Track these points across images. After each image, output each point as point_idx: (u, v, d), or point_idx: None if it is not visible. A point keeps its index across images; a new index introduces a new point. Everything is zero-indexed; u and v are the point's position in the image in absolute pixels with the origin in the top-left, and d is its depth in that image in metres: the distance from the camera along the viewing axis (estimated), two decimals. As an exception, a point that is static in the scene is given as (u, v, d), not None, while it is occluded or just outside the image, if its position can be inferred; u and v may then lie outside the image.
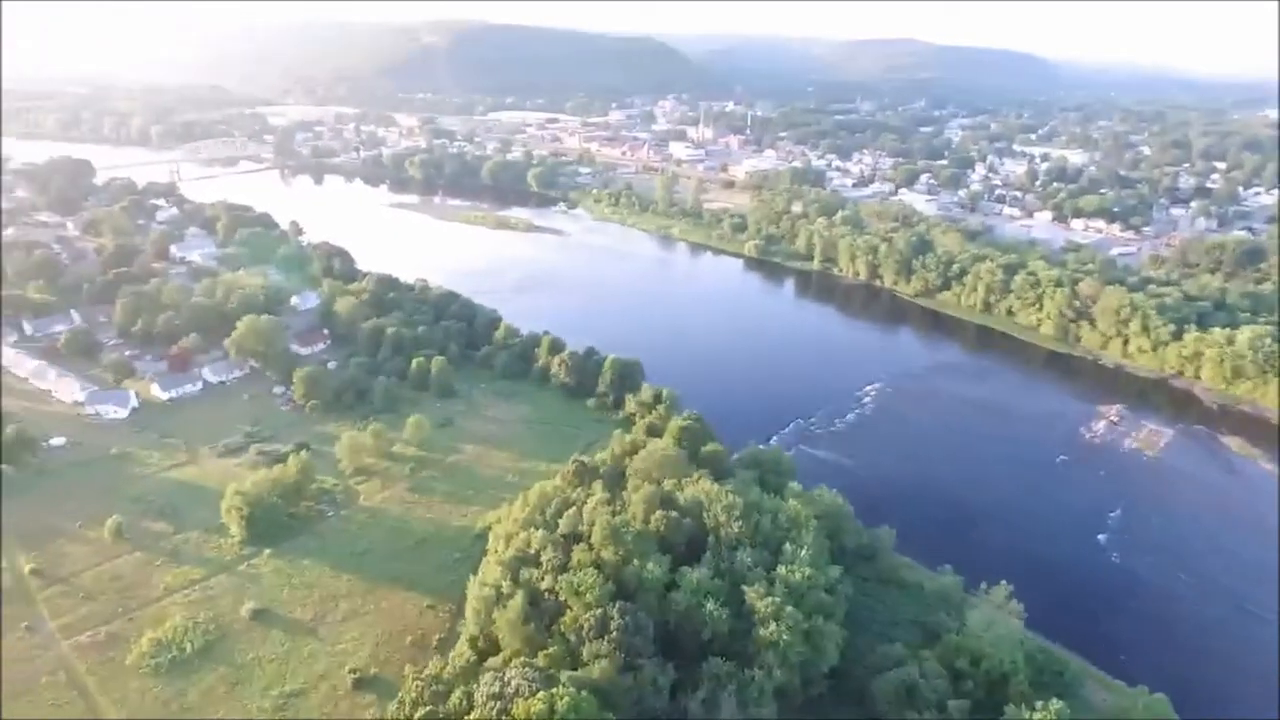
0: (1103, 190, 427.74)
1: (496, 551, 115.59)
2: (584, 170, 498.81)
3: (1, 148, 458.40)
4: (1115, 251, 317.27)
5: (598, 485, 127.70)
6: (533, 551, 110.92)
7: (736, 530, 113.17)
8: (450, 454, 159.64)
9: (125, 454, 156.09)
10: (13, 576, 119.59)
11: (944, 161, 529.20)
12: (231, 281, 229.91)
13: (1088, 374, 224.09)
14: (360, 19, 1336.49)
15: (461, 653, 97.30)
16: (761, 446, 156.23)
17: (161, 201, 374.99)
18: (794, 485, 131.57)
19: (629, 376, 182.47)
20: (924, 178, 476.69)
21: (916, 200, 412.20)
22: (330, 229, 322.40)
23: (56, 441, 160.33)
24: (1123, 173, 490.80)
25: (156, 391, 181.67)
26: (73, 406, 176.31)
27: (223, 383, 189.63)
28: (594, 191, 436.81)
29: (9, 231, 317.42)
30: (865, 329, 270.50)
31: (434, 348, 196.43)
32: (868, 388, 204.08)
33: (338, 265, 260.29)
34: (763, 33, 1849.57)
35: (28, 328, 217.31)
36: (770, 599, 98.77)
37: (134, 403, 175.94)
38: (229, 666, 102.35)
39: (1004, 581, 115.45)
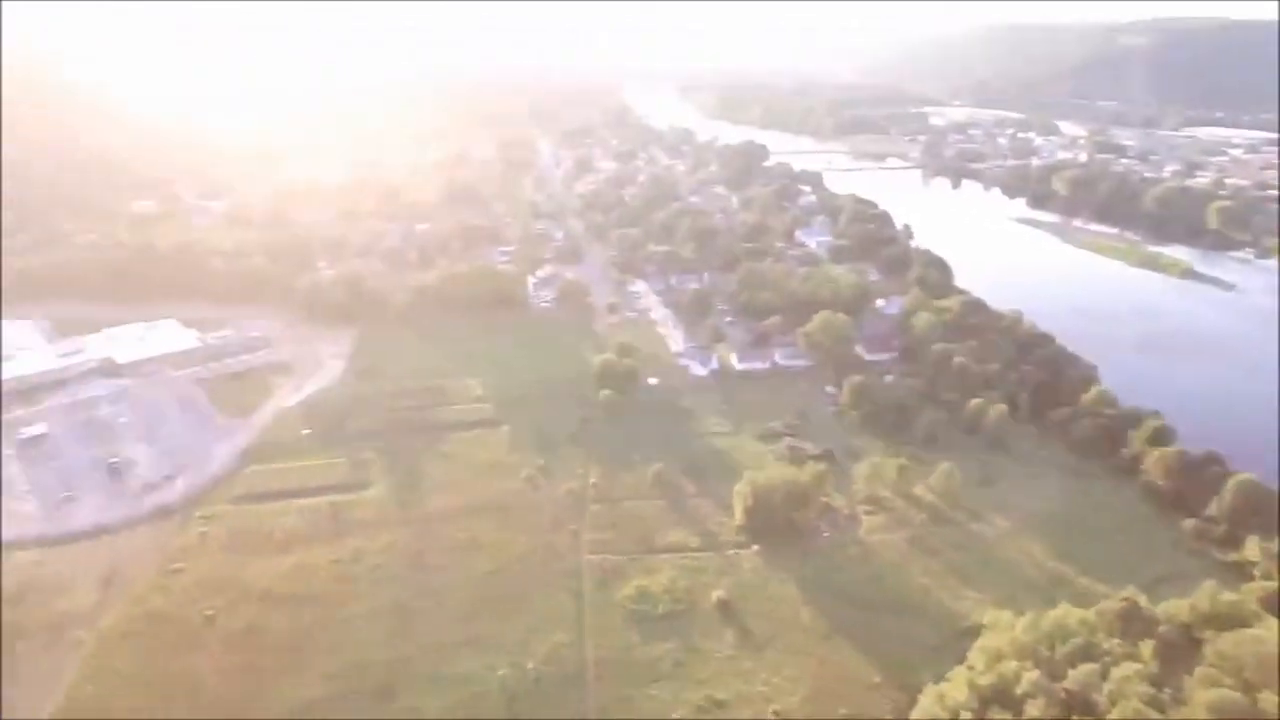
0: None
1: (973, 667, 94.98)
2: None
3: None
4: None
5: (1145, 648, 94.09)
6: (1017, 694, 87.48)
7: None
8: (974, 519, 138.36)
9: (690, 409, 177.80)
10: (582, 484, 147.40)
11: None
12: (827, 273, 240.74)
13: None
14: (1054, 20, 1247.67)
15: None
16: None
17: (807, 188, 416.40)
18: None
19: (1262, 512, 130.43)
20: None
21: None
22: (942, 236, 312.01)
23: (652, 381, 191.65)
24: None
25: (734, 361, 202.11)
26: (674, 355, 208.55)
27: (788, 368, 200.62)
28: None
29: (694, 198, 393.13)
30: None
31: (1000, 392, 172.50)
32: None
33: (933, 276, 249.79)
34: None
35: (673, 280, 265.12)
36: None
37: (714, 365, 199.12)
38: (679, 643, 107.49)
39: None
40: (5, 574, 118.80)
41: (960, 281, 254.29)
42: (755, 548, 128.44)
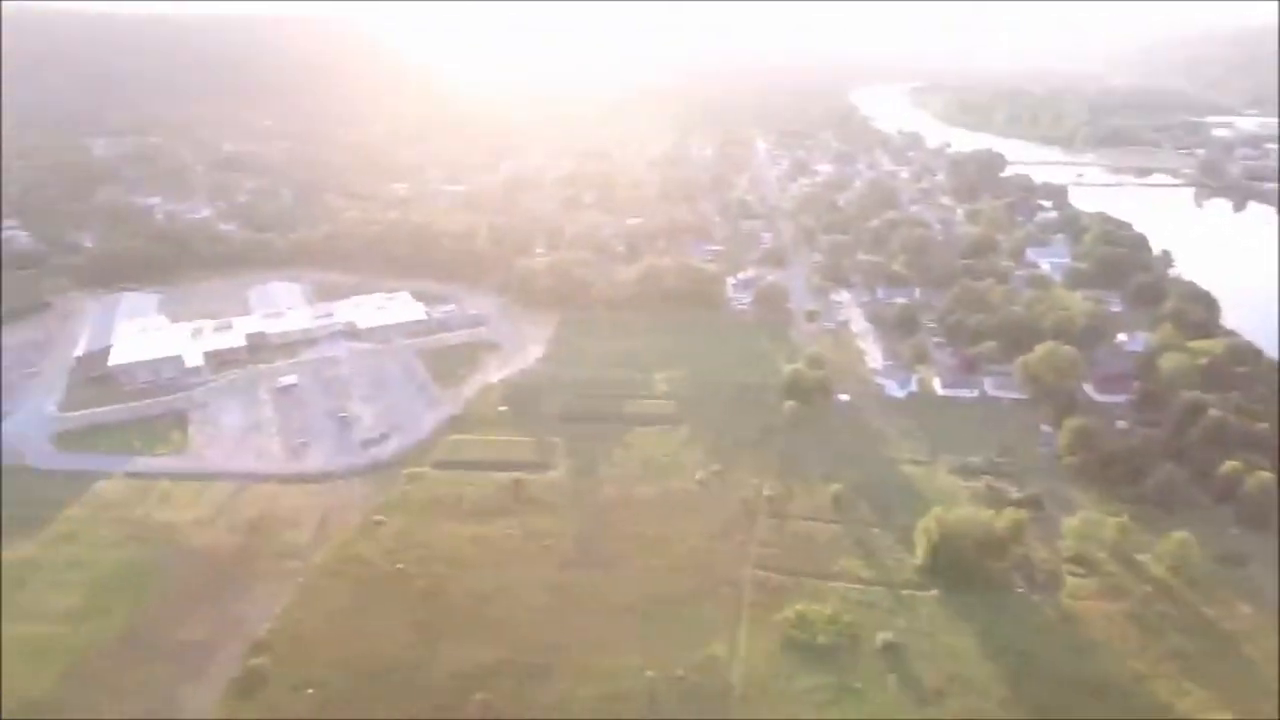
0: None
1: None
2: None
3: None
4: None
5: None
6: (1240, 825, 72.87)
7: None
8: (1210, 602, 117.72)
9: (881, 432, 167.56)
10: (756, 495, 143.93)
11: None
12: (1057, 299, 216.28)
13: None
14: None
15: None
16: None
17: (1047, 203, 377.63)
18: None
19: None
20: None
21: None
22: (1211, 266, 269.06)
23: (843, 397, 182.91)
24: None
25: (936, 385, 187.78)
26: (871, 372, 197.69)
27: (998, 400, 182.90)
28: None
29: (914, 208, 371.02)
30: None
31: (1266, 456, 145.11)
32: None
33: (1192, 312, 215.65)
34: None
35: (879, 293, 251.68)
36: None
37: (913, 387, 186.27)
38: (836, 679, 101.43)
39: None
40: (247, 503, 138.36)
41: (1229, 321, 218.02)
42: (935, 592, 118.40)
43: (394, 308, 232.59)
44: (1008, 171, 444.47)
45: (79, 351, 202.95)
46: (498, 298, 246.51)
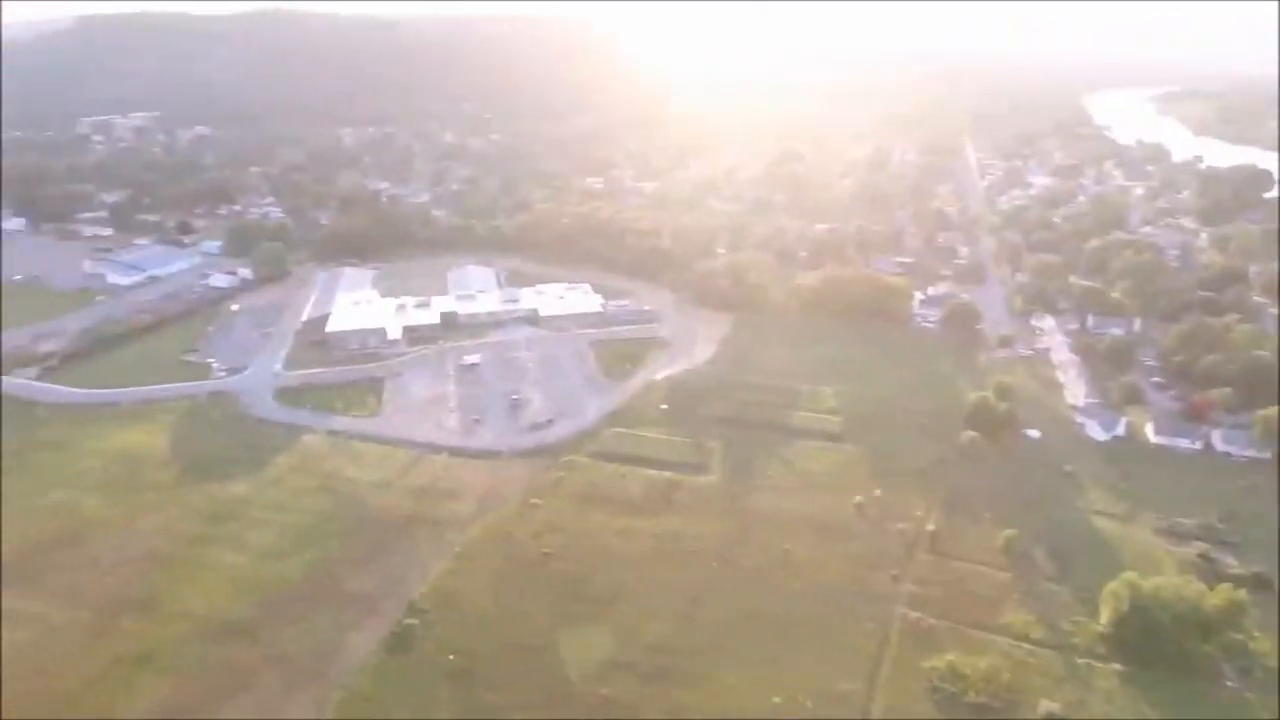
0: None
1: None
2: None
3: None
4: None
5: None
6: None
7: None
8: None
9: (1073, 477, 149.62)
10: (917, 528, 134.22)
11: None
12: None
13: None
14: None
15: None
16: None
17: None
18: None
19: None
20: None
21: None
22: None
23: (1032, 433, 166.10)
24: None
25: (1149, 431, 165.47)
26: (1069, 409, 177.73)
27: (1227, 456, 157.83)
28: None
29: (1146, 229, 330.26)
30: None
31: None
32: None
33: None
34: None
35: (1090, 321, 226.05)
36: None
37: (1119, 431, 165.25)
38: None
39: None
40: (422, 471, 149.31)
41: None
42: (1117, 666, 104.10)
43: (573, 298, 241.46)
44: (1274, 192, 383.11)
45: (304, 317, 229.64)
46: (675, 296, 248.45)
